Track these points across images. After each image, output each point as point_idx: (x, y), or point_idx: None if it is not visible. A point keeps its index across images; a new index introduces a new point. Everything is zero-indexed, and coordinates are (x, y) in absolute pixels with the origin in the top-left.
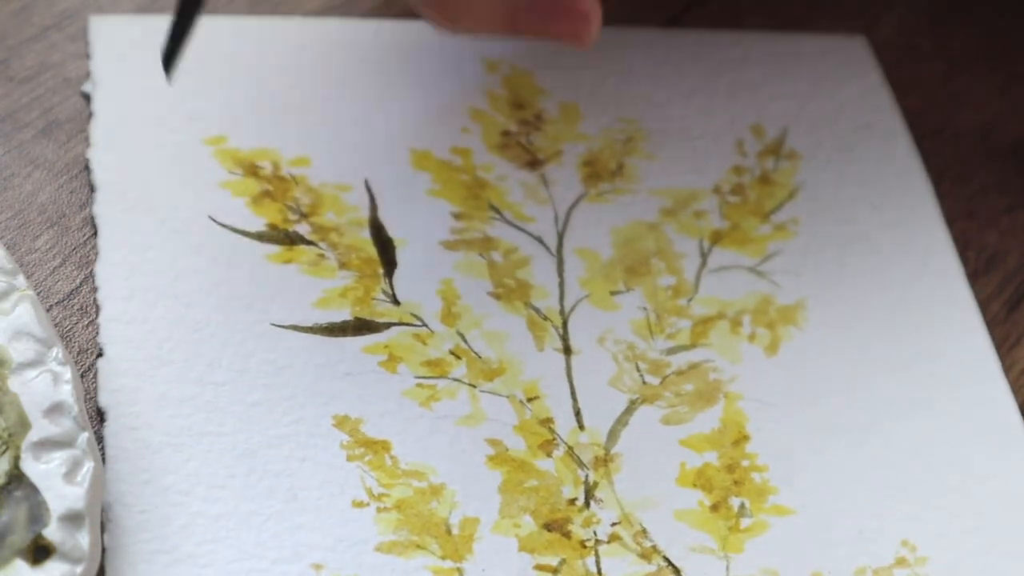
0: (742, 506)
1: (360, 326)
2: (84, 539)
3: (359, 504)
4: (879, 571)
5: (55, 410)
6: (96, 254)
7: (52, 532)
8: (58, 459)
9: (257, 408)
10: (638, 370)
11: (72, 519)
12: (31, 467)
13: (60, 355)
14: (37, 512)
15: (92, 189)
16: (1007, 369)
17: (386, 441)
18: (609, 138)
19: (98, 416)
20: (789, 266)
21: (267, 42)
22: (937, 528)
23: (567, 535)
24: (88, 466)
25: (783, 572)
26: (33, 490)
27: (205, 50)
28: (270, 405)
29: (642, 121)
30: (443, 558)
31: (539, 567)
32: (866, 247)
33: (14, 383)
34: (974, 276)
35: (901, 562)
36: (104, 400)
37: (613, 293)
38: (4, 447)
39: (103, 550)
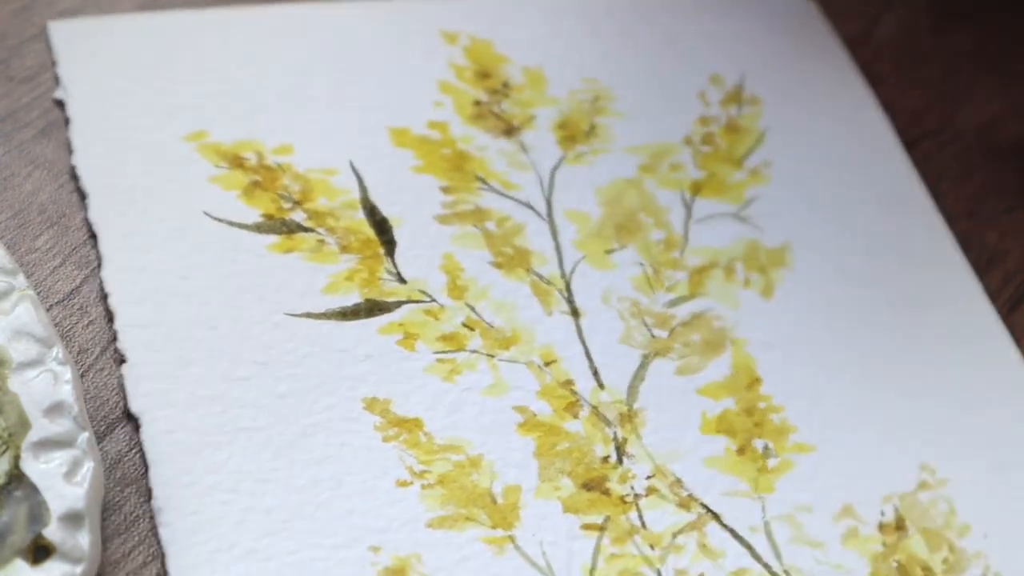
0: (766, 447)
1: (372, 307)
2: (84, 539)
3: (403, 483)
4: (905, 496)
5: (55, 410)
6: (100, 259)
7: (52, 532)
8: (58, 459)
9: (286, 399)
10: (645, 325)
11: (72, 519)
12: (31, 467)
13: (60, 355)
14: (37, 512)
15: (83, 196)
16: None
17: (417, 419)
18: (577, 99)
19: (130, 422)
20: (770, 209)
21: (230, 32)
22: (951, 449)
23: (606, 493)
24: (88, 466)
25: (816, 508)
26: (33, 490)
27: (172, 46)
28: (299, 395)
29: (605, 80)
30: (493, 527)
31: (586, 526)
32: (838, 182)
33: (14, 383)
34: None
35: (924, 485)
36: (135, 406)
37: (608, 252)
38: (4, 447)
39: (162, 555)
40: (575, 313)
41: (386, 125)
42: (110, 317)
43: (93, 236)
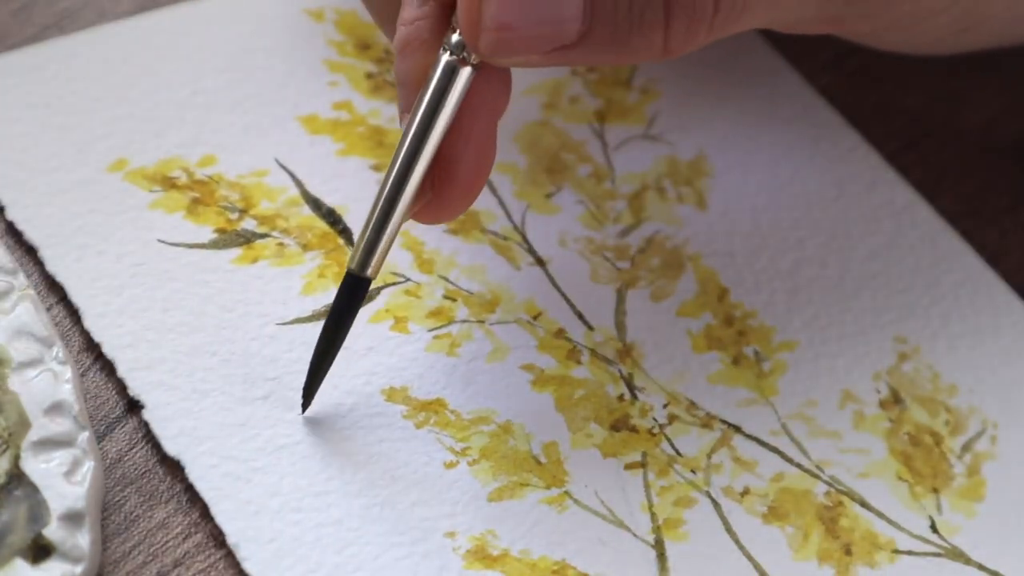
0: (756, 353)
1: None
2: (84, 538)
3: (451, 465)
4: (892, 371)
5: (55, 409)
6: (78, 311)
7: (52, 531)
8: (58, 458)
9: (311, 409)
10: (607, 259)
11: (72, 518)
12: (31, 466)
13: (60, 354)
14: (37, 511)
15: (34, 250)
16: None
17: (439, 399)
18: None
19: (170, 464)
20: (673, 123)
21: (108, 54)
22: (915, 319)
23: (634, 430)
24: (88, 465)
25: (822, 400)
26: (33, 489)
27: (58, 77)
28: (321, 401)
29: None
30: (548, 487)
31: (629, 466)
32: (719, 80)
33: (14, 382)
34: None
35: (903, 357)
36: (172, 449)
37: (548, 196)
38: (4, 446)
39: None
40: (540, 263)
41: (295, 116)
42: (110, 368)
43: (58, 288)
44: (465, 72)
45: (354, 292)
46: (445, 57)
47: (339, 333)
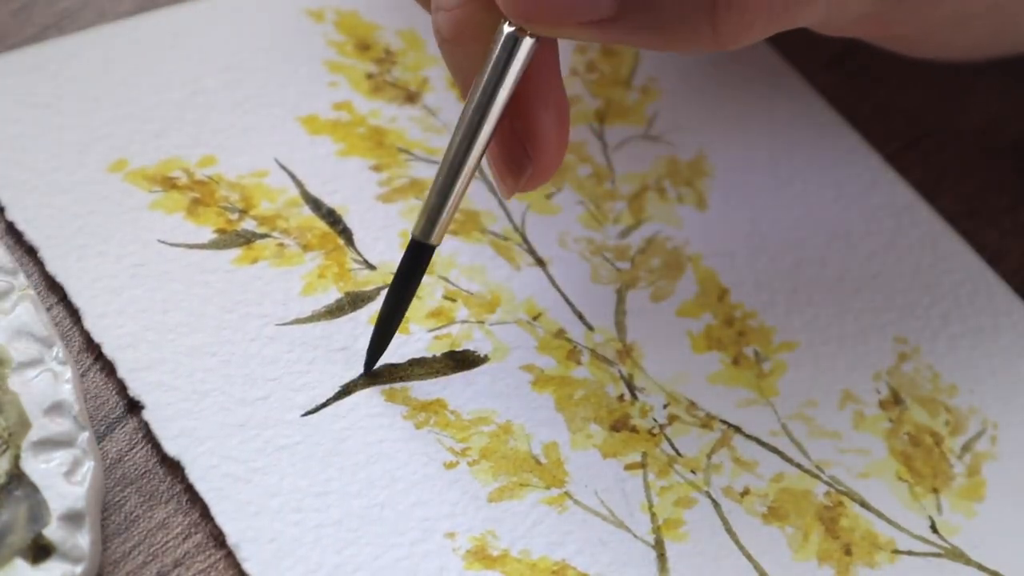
0: (756, 353)
1: (354, 300)
2: (84, 539)
3: (451, 465)
4: (891, 371)
5: (55, 409)
6: (78, 311)
7: (52, 531)
8: (58, 458)
9: (311, 411)
10: (607, 260)
11: (72, 518)
12: (31, 466)
13: (60, 354)
14: (37, 511)
15: (34, 250)
16: None
17: (440, 400)
18: None
19: (170, 464)
20: (673, 123)
21: (109, 54)
22: (915, 319)
23: (634, 430)
24: (88, 465)
25: (822, 401)
26: (33, 489)
27: (59, 76)
28: (320, 400)
29: None
30: (548, 488)
31: (629, 467)
32: (725, 85)
33: (14, 382)
34: None
35: (903, 357)
36: (172, 449)
37: (548, 196)
38: (4, 446)
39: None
40: (540, 263)
41: (295, 116)
42: (110, 368)
43: (58, 288)
44: (527, 44)
45: (417, 258)
46: (506, 28)
47: (403, 299)
